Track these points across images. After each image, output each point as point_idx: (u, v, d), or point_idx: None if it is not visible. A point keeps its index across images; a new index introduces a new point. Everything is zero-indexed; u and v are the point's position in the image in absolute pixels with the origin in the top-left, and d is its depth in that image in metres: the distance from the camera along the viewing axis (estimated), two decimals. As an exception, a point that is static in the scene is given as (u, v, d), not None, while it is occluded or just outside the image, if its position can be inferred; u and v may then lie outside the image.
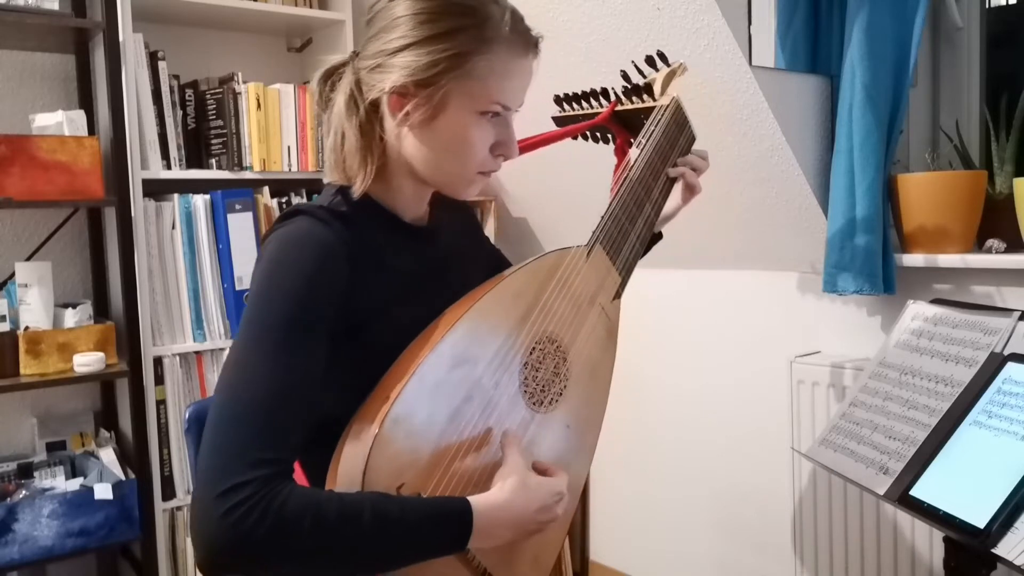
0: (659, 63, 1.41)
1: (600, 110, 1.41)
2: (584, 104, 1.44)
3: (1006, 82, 1.77)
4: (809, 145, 1.77)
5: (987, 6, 1.82)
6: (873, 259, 1.63)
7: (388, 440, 0.89)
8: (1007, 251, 1.61)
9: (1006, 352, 1.22)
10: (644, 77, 1.41)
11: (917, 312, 1.41)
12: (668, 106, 1.32)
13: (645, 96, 1.36)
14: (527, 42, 1.00)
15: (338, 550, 0.83)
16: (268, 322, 0.89)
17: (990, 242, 1.63)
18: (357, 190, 1.01)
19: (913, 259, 1.68)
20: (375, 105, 1.00)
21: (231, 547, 0.79)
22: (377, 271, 0.99)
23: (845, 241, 1.65)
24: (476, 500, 0.92)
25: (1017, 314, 1.25)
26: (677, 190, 1.34)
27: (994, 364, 1.22)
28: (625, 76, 1.41)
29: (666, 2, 1.67)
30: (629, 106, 1.38)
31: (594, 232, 1.17)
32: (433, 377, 0.94)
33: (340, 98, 1.02)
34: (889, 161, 1.66)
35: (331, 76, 1.05)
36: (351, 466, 0.89)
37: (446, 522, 0.89)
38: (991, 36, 1.83)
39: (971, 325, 1.30)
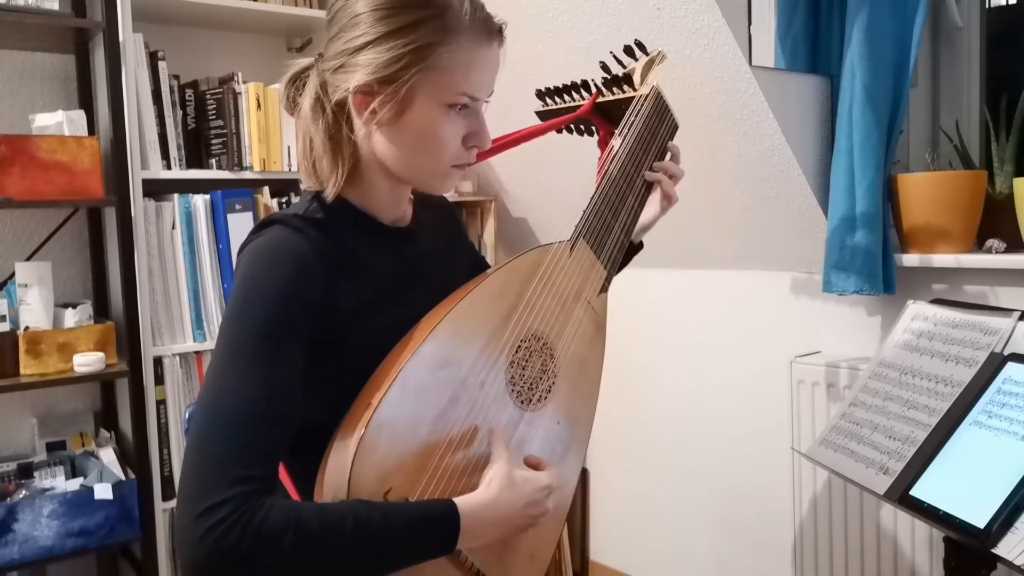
0: (638, 53, 1.40)
1: (582, 103, 1.40)
2: (566, 97, 1.43)
3: (1006, 82, 1.77)
4: (809, 145, 1.77)
5: (987, 6, 1.82)
6: (873, 259, 1.63)
7: (372, 446, 0.89)
8: (1007, 251, 1.61)
9: (1006, 352, 1.22)
10: (623, 67, 1.39)
11: (917, 312, 1.41)
12: (648, 95, 1.30)
13: (625, 86, 1.35)
14: (490, 30, 0.98)
15: (322, 563, 0.83)
16: (242, 337, 0.88)
17: (990, 242, 1.63)
18: (330, 193, 0.99)
19: (913, 259, 1.68)
20: (342, 106, 0.98)
21: (212, 568, 0.79)
22: (355, 277, 0.98)
23: (845, 241, 1.65)
24: (462, 501, 0.91)
25: (1017, 314, 1.25)
26: (655, 199, 1.32)
27: (994, 364, 1.22)
28: (604, 67, 1.40)
29: (666, 2, 1.67)
30: (610, 97, 1.37)
31: (576, 227, 1.17)
32: (416, 380, 0.93)
33: (306, 102, 1.00)
34: (889, 161, 1.66)
35: (297, 80, 1.04)
36: (337, 474, 0.89)
37: (432, 525, 0.89)
38: (991, 36, 1.83)
39: (971, 325, 1.30)
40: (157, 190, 2.07)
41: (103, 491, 1.87)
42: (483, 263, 1.29)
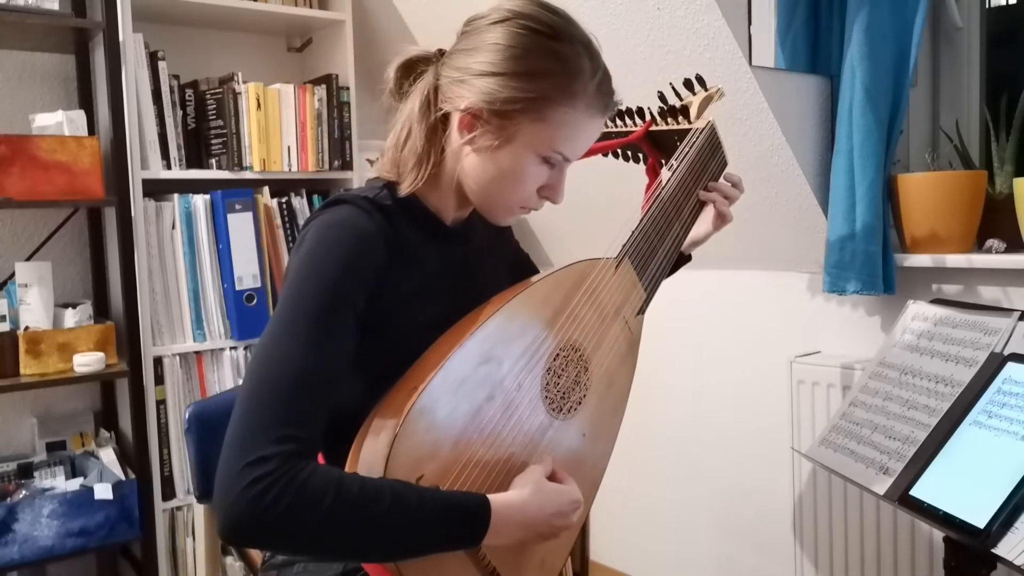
0: (696, 87, 1.44)
1: (634, 128, 1.43)
2: (618, 122, 1.46)
3: (1006, 82, 1.77)
4: (809, 145, 1.77)
5: (987, 6, 1.82)
6: (873, 259, 1.63)
7: (412, 431, 0.91)
8: (1007, 251, 1.61)
9: (1006, 352, 1.22)
10: (680, 99, 1.43)
11: (917, 312, 1.41)
12: (703, 129, 1.34)
13: (680, 118, 1.38)
14: (606, 105, 1.03)
15: (355, 532, 0.85)
16: (304, 304, 0.91)
17: (990, 242, 1.63)
18: (404, 190, 1.03)
19: (913, 259, 1.68)
20: (446, 117, 1.02)
21: (251, 518, 0.81)
22: (410, 267, 1.01)
23: (845, 241, 1.65)
24: (495, 498, 0.93)
25: (1017, 314, 1.25)
26: (708, 216, 1.35)
27: (994, 364, 1.22)
28: (662, 97, 1.44)
29: (666, 2, 1.67)
30: (664, 127, 1.41)
31: (624, 246, 1.19)
32: (459, 373, 0.95)
33: (417, 98, 1.03)
34: (889, 161, 1.66)
35: (410, 68, 1.06)
36: (373, 454, 0.90)
37: (464, 515, 0.91)
38: (991, 36, 1.83)
39: (971, 325, 1.30)
40: (157, 190, 2.07)
41: (103, 491, 1.87)
42: (531, 266, 1.32)
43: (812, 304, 1.92)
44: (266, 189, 2.20)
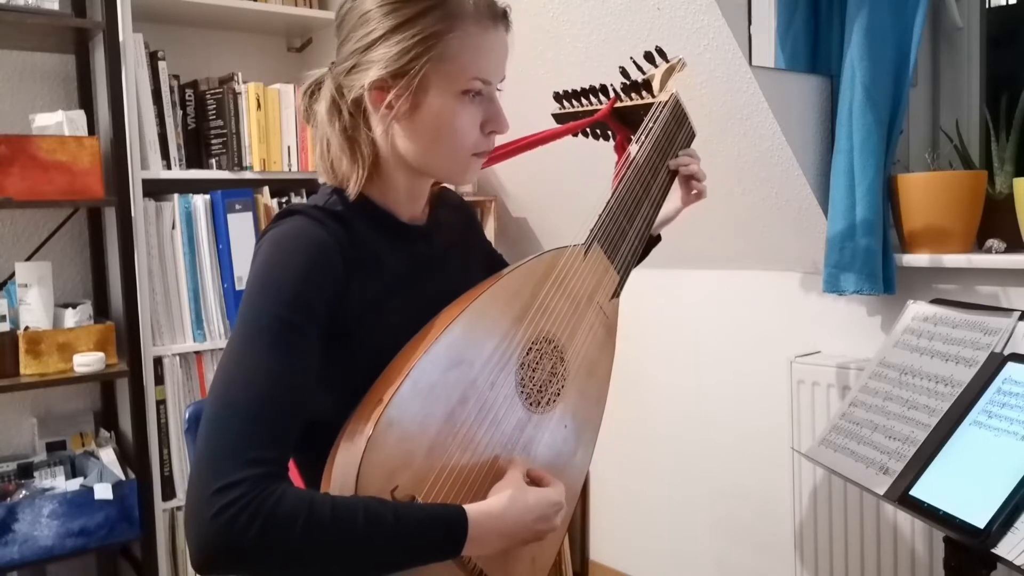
0: (658, 59, 1.41)
1: (600, 107, 1.40)
2: (584, 101, 1.43)
3: (1006, 82, 1.77)
4: (809, 145, 1.77)
5: (987, 6, 1.82)
6: (873, 259, 1.63)
7: (381, 443, 0.89)
8: (1007, 251, 1.61)
9: (1006, 352, 1.22)
10: (643, 73, 1.40)
11: (917, 312, 1.41)
12: (667, 102, 1.31)
13: (644, 92, 1.35)
14: (495, 13, 1.00)
15: (330, 554, 0.83)
16: (262, 322, 0.89)
17: (990, 242, 1.63)
18: (352, 192, 1.01)
19: (913, 259, 1.68)
20: (358, 104, 1.00)
21: (222, 547, 0.79)
22: (371, 271, 0.99)
23: (845, 241, 1.65)
24: (472, 508, 0.91)
25: (1017, 314, 1.25)
26: (676, 193, 1.33)
27: (994, 364, 1.22)
28: (624, 72, 1.41)
29: (666, 2, 1.67)
30: (628, 103, 1.37)
31: (592, 231, 1.17)
32: (427, 379, 0.93)
33: (321, 106, 1.02)
34: (889, 161, 1.66)
35: (313, 91, 1.06)
36: (344, 469, 0.89)
37: (441, 529, 0.89)
38: (991, 36, 1.83)
39: (971, 325, 1.30)
40: (157, 190, 2.07)
41: (103, 491, 1.87)
42: (500, 261, 1.29)
43: (812, 304, 1.92)
44: (266, 189, 2.20)
